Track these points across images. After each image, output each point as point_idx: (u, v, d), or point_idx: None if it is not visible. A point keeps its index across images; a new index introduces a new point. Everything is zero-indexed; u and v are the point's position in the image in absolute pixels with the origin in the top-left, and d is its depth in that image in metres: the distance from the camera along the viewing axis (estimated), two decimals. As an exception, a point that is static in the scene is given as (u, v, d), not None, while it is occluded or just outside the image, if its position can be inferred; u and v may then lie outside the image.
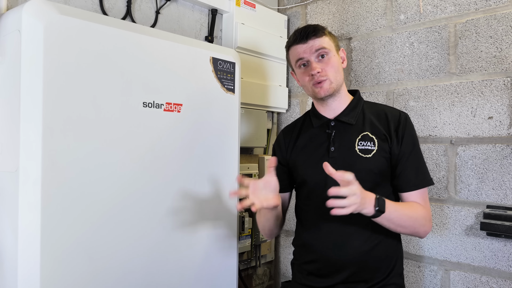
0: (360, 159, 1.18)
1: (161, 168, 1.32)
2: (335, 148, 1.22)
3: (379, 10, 1.88)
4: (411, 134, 1.21)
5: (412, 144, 1.20)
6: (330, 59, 1.20)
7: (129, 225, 1.23)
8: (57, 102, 1.07)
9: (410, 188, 1.19)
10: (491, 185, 1.54)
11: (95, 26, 1.15)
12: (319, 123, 1.27)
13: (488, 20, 1.57)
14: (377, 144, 1.19)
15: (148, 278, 1.28)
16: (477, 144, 1.58)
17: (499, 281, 1.52)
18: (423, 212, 1.16)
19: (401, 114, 1.23)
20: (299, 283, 1.29)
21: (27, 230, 1.04)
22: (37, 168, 1.04)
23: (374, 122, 1.23)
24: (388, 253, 1.21)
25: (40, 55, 1.04)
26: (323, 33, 1.22)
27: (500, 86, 1.54)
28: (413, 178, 1.18)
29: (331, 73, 1.20)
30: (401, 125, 1.20)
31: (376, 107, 1.28)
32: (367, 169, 1.17)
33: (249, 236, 2.00)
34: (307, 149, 1.28)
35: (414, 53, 1.76)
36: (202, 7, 1.86)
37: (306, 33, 1.21)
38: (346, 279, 1.18)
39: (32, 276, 1.04)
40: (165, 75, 1.33)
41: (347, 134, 1.22)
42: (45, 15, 1.05)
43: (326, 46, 1.20)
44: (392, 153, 1.19)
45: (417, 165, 1.20)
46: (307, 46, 1.21)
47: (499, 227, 1.45)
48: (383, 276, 1.20)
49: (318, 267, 1.23)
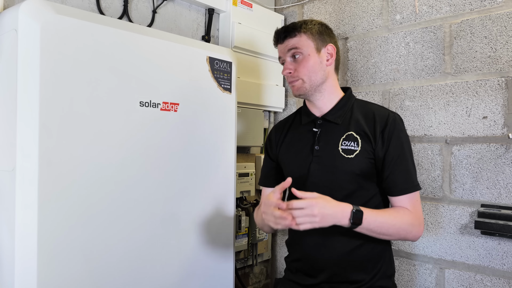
0: (343, 159, 1.16)
1: (158, 167, 1.32)
2: (319, 147, 1.21)
3: (375, 10, 1.88)
4: (399, 136, 1.16)
5: (400, 147, 1.15)
6: (304, 59, 1.18)
7: (125, 223, 1.23)
8: (54, 101, 1.07)
9: (397, 193, 1.15)
10: (485, 184, 1.55)
11: (91, 26, 1.15)
12: (308, 120, 1.27)
13: (483, 21, 1.58)
14: (360, 144, 1.16)
15: (145, 277, 1.29)
16: (472, 144, 1.59)
17: (493, 279, 1.53)
18: (410, 218, 1.12)
19: (390, 115, 1.18)
20: (288, 279, 1.30)
21: (24, 229, 1.04)
22: (33, 167, 1.04)
23: (361, 122, 1.19)
24: (373, 255, 1.19)
25: (37, 55, 1.04)
26: (298, 33, 1.19)
27: (494, 86, 1.55)
28: (400, 183, 1.14)
29: (303, 73, 1.19)
30: (388, 127, 1.15)
31: (366, 106, 1.24)
32: (349, 170, 1.15)
33: (246, 235, 2.00)
34: (294, 146, 1.28)
35: (410, 53, 1.77)
36: (199, 7, 1.86)
37: (283, 32, 1.22)
38: (329, 279, 1.18)
39: (29, 273, 1.05)
40: (162, 75, 1.33)
41: (332, 133, 1.21)
42: (41, 14, 1.05)
43: (299, 46, 1.19)
44: (376, 155, 1.15)
45: (406, 169, 1.15)
46: (283, 46, 1.22)
47: (493, 225, 1.46)
48: (369, 278, 1.18)
49: (302, 265, 1.24)
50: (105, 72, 1.18)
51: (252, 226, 2.01)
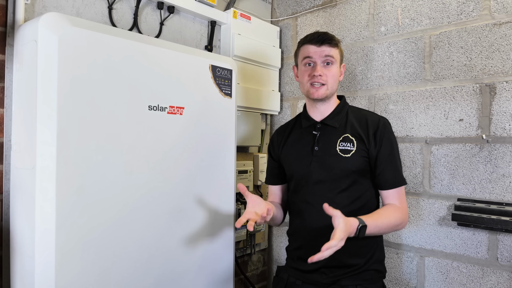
0: (340, 158, 1.20)
1: (165, 165, 1.32)
2: (319, 148, 1.23)
3: (362, 23, 1.89)
4: (389, 138, 1.21)
5: (390, 147, 1.21)
6: (333, 68, 1.22)
7: (134, 218, 1.23)
8: (70, 106, 1.07)
9: (388, 187, 1.21)
10: (461, 180, 1.56)
11: (105, 37, 1.15)
12: (308, 124, 1.29)
13: (459, 32, 1.58)
14: (356, 145, 1.20)
15: (154, 266, 1.29)
16: (449, 144, 1.60)
17: (468, 266, 1.54)
18: (399, 213, 1.19)
19: (380, 119, 1.24)
20: (290, 267, 1.31)
21: (43, 222, 1.04)
22: (52, 166, 1.04)
23: (355, 125, 1.23)
24: (367, 242, 1.21)
25: (55, 63, 1.04)
26: (336, 45, 1.23)
27: (469, 91, 1.55)
28: (390, 178, 1.20)
29: (330, 80, 1.21)
30: (379, 130, 1.21)
31: (359, 112, 1.29)
32: (346, 167, 1.19)
33: (245, 227, 2.00)
34: (295, 147, 1.31)
35: (393, 61, 1.77)
36: (202, 19, 1.86)
37: (323, 38, 1.21)
38: (328, 264, 1.19)
39: (48, 263, 1.05)
40: (168, 81, 1.33)
41: (330, 136, 1.24)
42: (59, 27, 1.05)
43: (334, 56, 1.21)
44: (370, 154, 1.20)
45: (395, 166, 1.21)
46: (319, 49, 1.20)
47: (469, 218, 1.47)
48: (363, 262, 1.21)
49: (304, 252, 1.25)
50: (117, 78, 1.18)
51: (251, 218, 2.01)
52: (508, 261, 1.45)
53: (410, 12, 1.72)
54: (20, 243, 1.12)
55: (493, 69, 1.50)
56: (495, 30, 1.50)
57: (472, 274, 1.53)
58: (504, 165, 1.46)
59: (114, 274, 1.18)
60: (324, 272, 1.20)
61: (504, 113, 1.47)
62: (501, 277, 1.46)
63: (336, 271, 1.19)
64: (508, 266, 1.45)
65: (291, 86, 2.19)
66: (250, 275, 2.14)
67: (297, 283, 1.25)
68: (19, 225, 1.13)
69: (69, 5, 1.38)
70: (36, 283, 1.03)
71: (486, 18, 1.52)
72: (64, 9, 1.36)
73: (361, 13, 1.89)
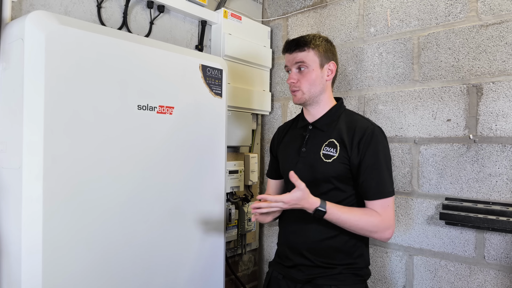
0: (322, 162, 1.18)
1: (154, 165, 1.32)
2: (306, 149, 1.24)
3: (352, 24, 1.90)
4: (375, 147, 1.15)
5: (375, 157, 1.14)
6: (308, 73, 1.20)
7: (123, 218, 1.23)
8: (57, 105, 1.06)
9: (370, 197, 1.15)
10: (449, 180, 1.58)
11: (93, 36, 1.14)
12: (302, 125, 1.31)
13: (447, 34, 1.60)
14: (338, 151, 1.17)
15: (144, 266, 1.28)
16: (437, 144, 1.62)
17: (456, 264, 1.56)
18: (376, 221, 1.13)
19: (369, 127, 1.17)
20: (276, 261, 1.34)
21: (30, 221, 1.03)
22: (38, 165, 1.03)
23: (343, 131, 1.19)
24: (344, 248, 1.19)
25: (42, 62, 1.03)
26: (307, 48, 1.20)
27: (457, 92, 1.57)
28: (372, 188, 1.14)
29: (305, 85, 1.21)
30: (364, 138, 1.15)
31: (352, 117, 1.24)
32: (326, 172, 1.17)
33: (236, 227, 2.00)
34: (289, 146, 1.33)
35: (383, 62, 1.79)
36: (193, 19, 1.86)
37: (292, 45, 1.22)
38: (304, 262, 1.21)
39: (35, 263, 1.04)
40: (158, 81, 1.32)
41: (317, 139, 1.23)
42: (46, 25, 1.04)
43: (306, 60, 1.20)
44: (351, 162, 1.16)
45: (379, 177, 1.14)
46: (291, 56, 1.22)
47: (456, 217, 1.48)
48: (340, 263, 1.18)
49: (283, 249, 1.29)
50: (106, 78, 1.17)
51: (241, 218, 2.01)
52: (495, 259, 1.47)
53: (399, 13, 1.74)
54: (6, 243, 1.10)
55: (480, 70, 1.52)
56: (482, 32, 1.52)
57: (459, 273, 1.55)
58: (491, 164, 1.48)
59: (102, 274, 1.17)
60: (301, 270, 1.22)
61: (491, 114, 1.49)
62: (488, 275, 1.48)
63: (312, 269, 1.20)
64: (494, 264, 1.47)
65: (282, 86, 2.20)
66: (241, 275, 2.14)
67: (279, 277, 1.28)
68: (6, 225, 1.11)
69: (57, 4, 1.36)
70: (23, 284, 1.02)
71: (473, 19, 1.54)
72: (52, 7, 1.35)
73: (351, 14, 1.90)
